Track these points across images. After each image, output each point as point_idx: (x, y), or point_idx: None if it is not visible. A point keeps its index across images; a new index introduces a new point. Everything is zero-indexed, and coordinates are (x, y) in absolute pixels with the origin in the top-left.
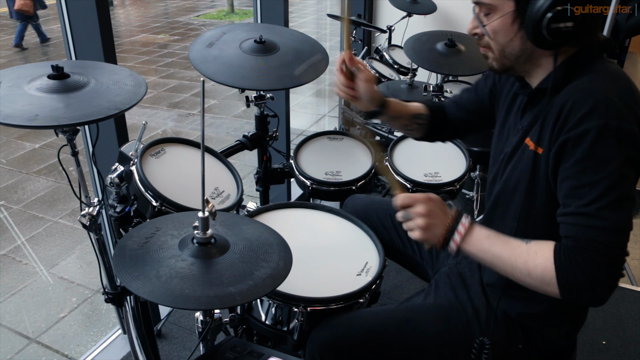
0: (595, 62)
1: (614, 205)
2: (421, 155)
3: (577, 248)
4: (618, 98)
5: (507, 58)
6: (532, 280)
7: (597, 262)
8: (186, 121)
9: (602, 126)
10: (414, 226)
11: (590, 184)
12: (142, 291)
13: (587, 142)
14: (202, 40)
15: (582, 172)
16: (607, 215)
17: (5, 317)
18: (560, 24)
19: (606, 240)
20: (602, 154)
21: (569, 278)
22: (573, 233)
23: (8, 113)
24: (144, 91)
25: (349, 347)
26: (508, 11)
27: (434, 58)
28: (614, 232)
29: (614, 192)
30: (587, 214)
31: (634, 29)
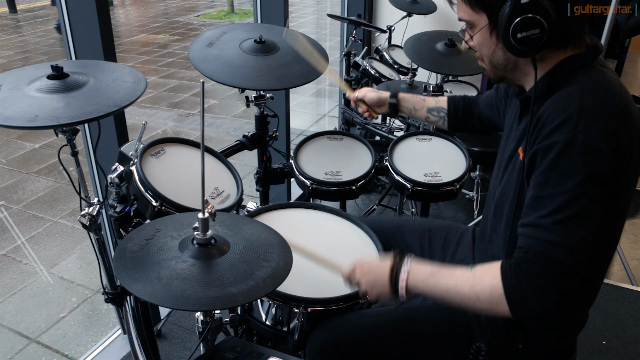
0: (580, 71)
1: (569, 222)
2: (421, 155)
3: (525, 260)
4: (591, 113)
5: (497, 68)
6: (482, 304)
7: (542, 275)
8: (186, 121)
9: (569, 140)
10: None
11: (549, 196)
12: (144, 293)
13: (553, 154)
14: (202, 39)
15: (544, 183)
16: (559, 231)
17: (5, 317)
18: (525, 32)
19: (555, 256)
20: (565, 168)
21: (517, 292)
22: (524, 244)
23: (8, 115)
24: (143, 87)
25: (349, 348)
26: (484, 24)
27: (434, 58)
28: (565, 249)
29: (572, 207)
30: (540, 225)
31: (634, 29)
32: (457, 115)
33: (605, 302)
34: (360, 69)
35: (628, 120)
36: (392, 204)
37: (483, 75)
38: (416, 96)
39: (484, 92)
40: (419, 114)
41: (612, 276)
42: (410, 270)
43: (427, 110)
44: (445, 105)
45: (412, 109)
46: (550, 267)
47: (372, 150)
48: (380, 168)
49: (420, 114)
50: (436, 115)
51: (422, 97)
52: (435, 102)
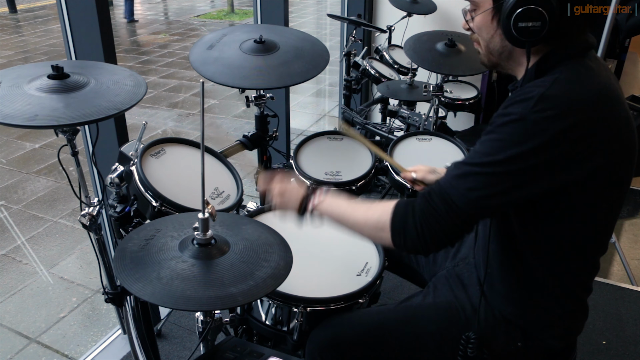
0: (564, 62)
1: (467, 177)
2: (421, 155)
3: (421, 196)
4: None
5: (492, 54)
6: (368, 228)
7: (423, 209)
8: (186, 121)
9: (522, 116)
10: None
11: (477, 150)
12: (144, 293)
13: (501, 121)
14: (203, 42)
15: (481, 142)
16: (452, 180)
17: (5, 317)
18: (528, 22)
19: (435, 199)
20: (503, 136)
21: (400, 221)
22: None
23: (8, 113)
24: (143, 91)
25: (348, 347)
26: (488, 8)
27: (434, 58)
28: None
29: (480, 167)
30: (458, 167)
31: (634, 29)
32: None
33: (605, 302)
34: (360, 69)
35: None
36: None
37: (483, 75)
38: None
39: (484, 93)
40: None
41: (612, 276)
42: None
43: None
44: None
45: None
46: (435, 203)
47: (372, 150)
48: (380, 168)
49: None
50: None
51: None
52: None
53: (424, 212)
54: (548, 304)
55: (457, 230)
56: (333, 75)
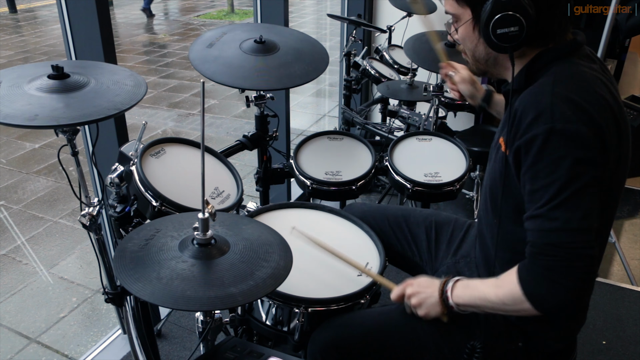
0: (554, 63)
1: (566, 204)
2: (421, 155)
3: (535, 255)
4: (564, 99)
5: (479, 62)
6: (509, 307)
7: (553, 266)
8: (186, 121)
9: (548, 130)
10: (414, 309)
11: (543, 187)
12: (144, 293)
13: (536, 147)
14: (202, 40)
15: (535, 176)
16: (558, 215)
17: (5, 317)
18: (505, 28)
19: (559, 241)
20: (550, 157)
21: (534, 289)
22: (531, 238)
23: (8, 113)
24: (143, 91)
25: (350, 348)
26: (468, 19)
27: (434, 58)
28: (568, 232)
29: (566, 191)
30: (539, 215)
31: (634, 29)
32: None
33: (605, 302)
34: (360, 69)
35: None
36: (392, 204)
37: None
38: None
39: None
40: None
41: (612, 276)
42: (455, 284)
43: None
44: None
45: (500, 112)
46: (558, 255)
47: (372, 150)
48: (380, 168)
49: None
50: None
51: None
52: None
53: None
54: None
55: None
56: (333, 75)
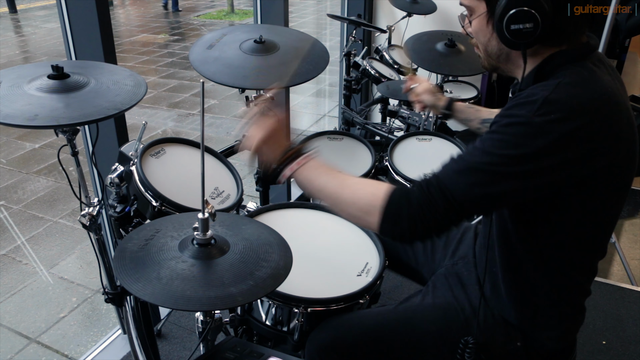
0: (567, 66)
1: (466, 173)
2: (421, 155)
3: (419, 187)
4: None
5: (490, 57)
6: (353, 209)
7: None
8: (186, 121)
9: (526, 119)
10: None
11: (478, 147)
12: (144, 293)
13: (505, 121)
14: (202, 42)
15: (482, 139)
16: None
17: (5, 317)
18: (519, 25)
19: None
20: (506, 137)
21: (396, 210)
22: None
23: (8, 113)
24: (143, 91)
25: (349, 348)
26: (482, 12)
27: (434, 58)
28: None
29: (480, 166)
30: (446, 162)
31: (634, 29)
32: None
33: (605, 302)
34: (360, 69)
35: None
36: None
37: (483, 76)
38: (471, 107)
39: (484, 92)
40: (472, 124)
41: (612, 276)
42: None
43: (481, 122)
44: None
45: (464, 120)
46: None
47: (372, 150)
48: (380, 168)
49: (473, 124)
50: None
51: (477, 108)
52: (489, 114)
53: (421, 204)
54: (546, 307)
55: (450, 224)
56: (333, 75)
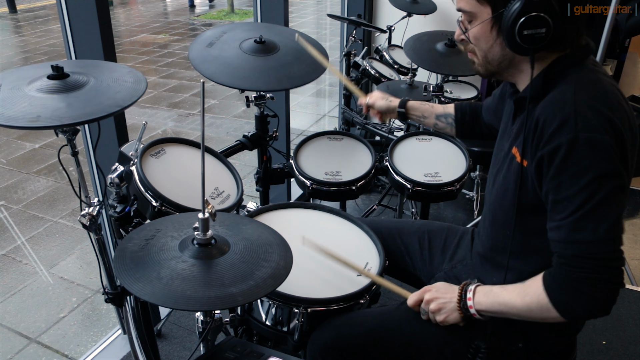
0: (572, 69)
1: (592, 215)
2: (421, 155)
3: (562, 265)
4: (588, 108)
5: (490, 64)
6: (535, 314)
7: (579, 278)
8: (186, 121)
9: (573, 140)
10: (432, 314)
11: (567, 198)
12: (144, 293)
13: (560, 156)
14: (202, 40)
15: (559, 186)
16: (584, 226)
17: (5, 317)
18: (532, 30)
19: (586, 253)
20: (575, 167)
21: (561, 297)
22: (558, 249)
23: (10, 115)
24: (144, 87)
25: (350, 348)
26: (486, 18)
27: (434, 58)
28: (595, 243)
29: (591, 202)
30: (565, 226)
31: (634, 29)
32: (465, 120)
33: (610, 310)
34: (360, 69)
35: (621, 113)
36: (392, 204)
37: None
38: (425, 104)
39: (484, 92)
40: (428, 121)
41: None
42: (475, 289)
43: (436, 117)
44: (453, 112)
45: (420, 117)
46: (585, 267)
47: (372, 150)
48: (380, 168)
49: (429, 121)
50: (444, 122)
51: (431, 104)
52: (443, 109)
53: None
54: None
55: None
56: (333, 75)
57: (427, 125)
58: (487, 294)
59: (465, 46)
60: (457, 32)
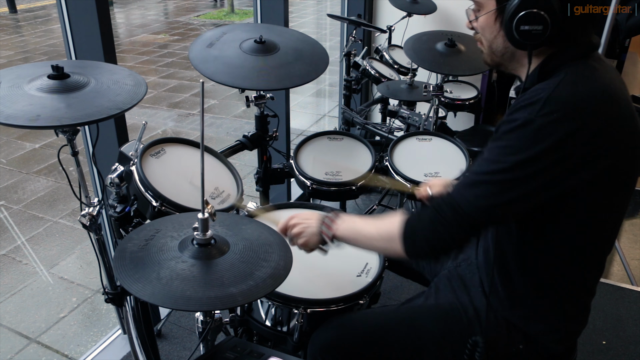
0: (568, 64)
1: (478, 186)
2: (421, 155)
3: (430, 206)
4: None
5: (494, 54)
6: (379, 242)
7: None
8: (186, 121)
9: (528, 120)
10: (294, 237)
11: (484, 158)
12: (144, 294)
13: (508, 127)
14: (202, 40)
15: (489, 149)
16: (461, 189)
17: (5, 317)
18: (529, 26)
19: (443, 207)
20: (511, 142)
21: (411, 231)
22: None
23: (10, 113)
24: (144, 90)
25: (351, 348)
26: (491, 9)
27: (434, 58)
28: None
29: (490, 175)
30: (464, 179)
31: (634, 29)
32: None
33: (605, 302)
34: (360, 69)
35: (608, 115)
36: (392, 204)
37: (483, 76)
38: None
39: (484, 93)
40: None
41: (612, 276)
42: (338, 217)
43: None
44: None
45: None
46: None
47: (372, 150)
48: (381, 168)
49: None
50: None
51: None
52: None
53: (433, 220)
54: (552, 308)
55: (466, 237)
56: (333, 75)
57: None
58: (346, 221)
59: (474, 35)
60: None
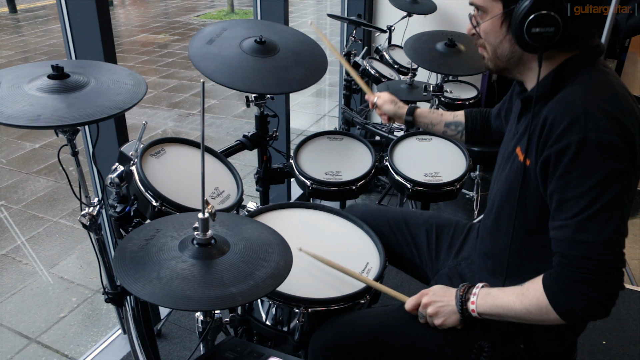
0: (582, 70)
1: (598, 216)
2: (421, 155)
3: (564, 265)
4: (598, 109)
5: (499, 59)
6: (534, 317)
7: (584, 279)
8: (186, 121)
9: (582, 140)
10: (430, 318)
11: (574, 198)
12: (144, 293)
13: (568, 156)
14: (202, 36)
15: (566, 185)
16: (589, 227)
17: (5, 317)
18: (540, 28)
19: (590, 254)
20: (583, 168)
21: (561, 299)
22: (560, 249)
23: (10, 114)
24: (144, 90)
25: (351, 348)
26: (497, 13)
27: (434, 58)
28: (599, 245)
29: (597, 203)
30: (569, 226)
31: (634, 29)
32: (475, 129)
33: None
34: (360, 69)
35: (631, 115)
36: (392, 204)
37: (483, 75)
38: (433, 111)
39: (484, 92)
40: (436, 128)
41: None
42: (471, 293)
43: (445, 125)
44: (463, 120)
45: (428, 124)
46: (587, 268)
47: (372, 150)
48: (380, 168)
49: (438, 128)
50: (454, 130)
51: (440, 112)
52: (453, 117)
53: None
54: None
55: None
56: (333, 75)
57: (435, 132)
58: (485, 297)
59: (476, 40)
60: (469, 26)
